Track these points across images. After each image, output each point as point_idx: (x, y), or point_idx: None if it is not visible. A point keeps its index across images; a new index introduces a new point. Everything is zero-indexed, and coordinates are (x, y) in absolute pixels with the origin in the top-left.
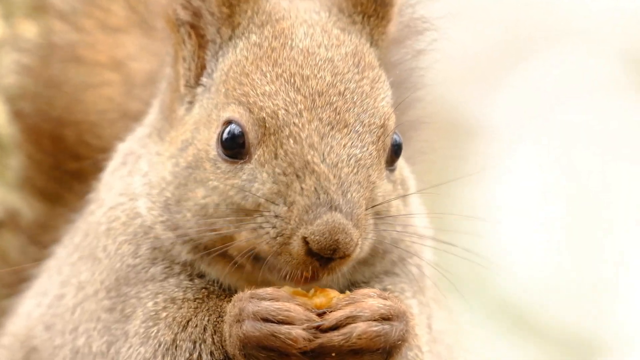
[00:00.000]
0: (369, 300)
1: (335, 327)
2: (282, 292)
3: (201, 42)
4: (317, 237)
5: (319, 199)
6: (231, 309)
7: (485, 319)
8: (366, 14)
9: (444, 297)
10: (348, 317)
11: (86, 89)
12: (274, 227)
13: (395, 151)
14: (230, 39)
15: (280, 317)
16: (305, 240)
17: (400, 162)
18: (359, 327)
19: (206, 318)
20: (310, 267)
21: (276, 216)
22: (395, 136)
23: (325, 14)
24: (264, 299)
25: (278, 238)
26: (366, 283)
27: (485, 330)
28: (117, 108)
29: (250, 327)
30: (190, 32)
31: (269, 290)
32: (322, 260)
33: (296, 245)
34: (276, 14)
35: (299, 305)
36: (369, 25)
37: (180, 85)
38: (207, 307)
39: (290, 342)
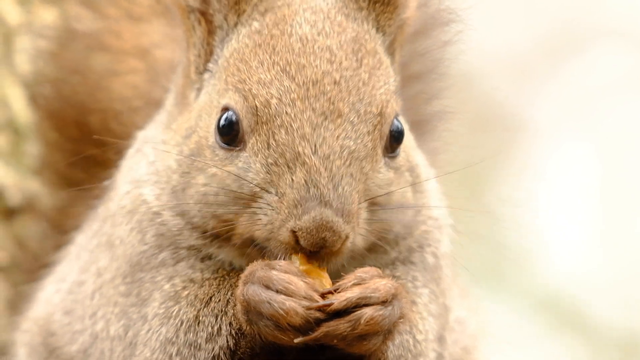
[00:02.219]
0: (379, 280)
1: (344, 310)
2: (293, 268)
3: (210, 29)
4: (305, 234)
5: (309, 192)
6: (244, 272)
7: (529, 313)
8: None
9: (467, 286)
10: (359, 298)
11: (111, 76)
12: (265, 214)
13: (396, 137)
14: (235, 25)
15: (279, 286)
16: (293, 233)
17: (409, 149)
18: (366, 313)
19: (229, 292)
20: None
21: (268, 204)
22: (395, 122)
23: (332, 0)
24: (274, 268)
25: (268, 226)
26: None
27: (530, 323)
28: (141, 96)
29: (252, 291)
30: (200, 19)
31: (282, 262)
32: (311, 251)
33: (285, 235)
34: (280, 1)
35: (305, 282)
36: (375, 11)
37: (191, 72)
38: (229, 284)
39: (282, 312)
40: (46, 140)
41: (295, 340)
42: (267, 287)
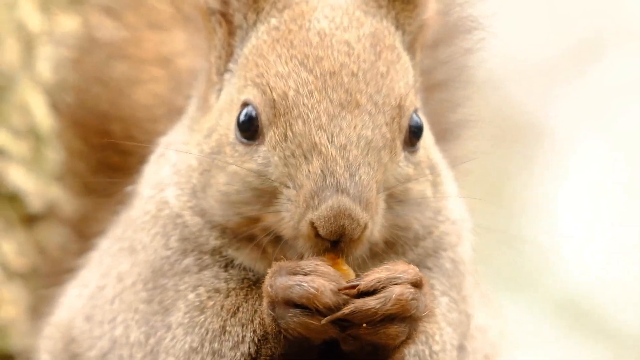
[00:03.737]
0: (407, 267)
1: (371, 291)
2: (322, 263)
3: (231, 29)
4: (323, 223)
5: (325, 181)
6: (272, 268)
7: (550, 316)
8: None
9: (489, 293)
10: (388, 278)
11: (133, 84)
12: (287, 211)
13: (415, 132)
14: (254, 23)
15: (308, 269)
16: (313, 224)
17: (429, 147)
18: (396, 289)
19: (257, 302)
20: (322, 248)
21: (288, 199)
22: (415, 117)
23: None
24: (302, 261)
25: (291, 222)
26: None
27: (550, 327)
28: (164, 104)
29: (279, 282)
30: (221, 20)
31: (310, 259)
32: (331, 242)
33: (305, 229)
34: None
35: (333, 269)
36: (395, 8)
37: (213, 74)
38: (257, 294)
39: (313, 290)
40: (69, 148)
41: (323, 321)
42: (295, 274)
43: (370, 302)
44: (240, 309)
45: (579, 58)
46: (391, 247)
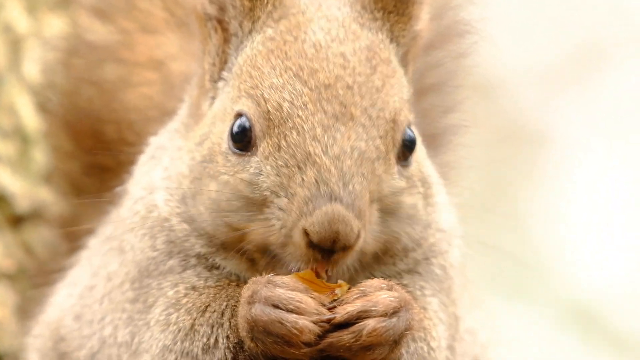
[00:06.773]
0: (381, 294)
1: (345, 323)
2: (299, 284)
3: (226, 37)
4: (316, 228)
5: (319, 190)
6: (245, 291)
7: (558, 324)
8: (386, 10)
9: (479, 295)
10: (360, 312)
11: (125, 87)
12: (278, 219)
13: (408, 146)
14: (250, 32)
15: (290, 306)
16: (305, 232)
17: (420, 159)
18: (369, 324)
19: (224, 303)
20: (313, 260)
21: (279, 208)
22: (408, 131)
23: (346, 9)
24: (279, 286)
25: (282, 230)
26: None
27: (559, 334)
28: (156, 107)
29: (259, 311)
30: (217, 27)
31: (286, 279)
32: (324, 253)
33: (297, 237)
34: (294, 8)
35: (312, 298)
36: (389, 21)
37: (206, 80)
38: (226, 294)
39: (296, 331)
40: (59, 149)
41: (302, 351)
42: (276, 307)
43: (344, 337)
44: (209, 308)
45: (582, 64)
46: (381, 258)
